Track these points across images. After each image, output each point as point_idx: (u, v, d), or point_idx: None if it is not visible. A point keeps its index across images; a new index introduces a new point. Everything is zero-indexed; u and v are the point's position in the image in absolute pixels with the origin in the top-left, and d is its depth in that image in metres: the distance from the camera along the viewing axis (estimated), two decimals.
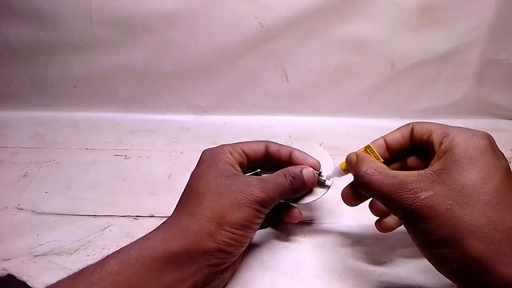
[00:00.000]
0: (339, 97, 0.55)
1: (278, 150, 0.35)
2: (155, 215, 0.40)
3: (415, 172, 0.27)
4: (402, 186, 0.26)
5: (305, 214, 0.40)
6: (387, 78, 0.53)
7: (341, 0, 0.48)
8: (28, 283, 0.34)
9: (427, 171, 0.27)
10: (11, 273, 0.35)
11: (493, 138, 0.28)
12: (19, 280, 0.34)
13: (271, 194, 0.31)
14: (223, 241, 0.29)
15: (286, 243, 0.38)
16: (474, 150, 0.26)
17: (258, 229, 0.38)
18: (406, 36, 0.50)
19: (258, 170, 0.37)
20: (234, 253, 0.30)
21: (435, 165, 0.27)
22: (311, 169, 0.33)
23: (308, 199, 0.35)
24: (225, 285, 0.33)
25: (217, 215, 0.29)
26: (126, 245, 0.28)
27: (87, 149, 0.51)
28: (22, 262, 0.36)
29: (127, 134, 0.54)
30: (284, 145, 0.35)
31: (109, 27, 0.51)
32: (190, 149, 0.50)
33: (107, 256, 0.27)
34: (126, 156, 0.50)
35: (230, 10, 0.49)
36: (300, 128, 0.55)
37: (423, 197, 0.25)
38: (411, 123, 0.31)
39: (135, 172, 0.47)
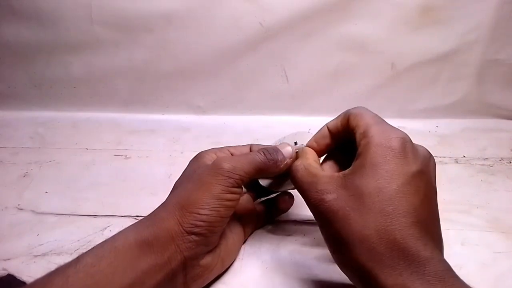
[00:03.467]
0: (339, 97, 0.55)
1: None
2: None
3: (329, 174, 0.29)
4: (314, 186, 0.28)
5: (305, 214, 0.40)
6: (387, 78, 0.53)
7: (341, 0, 0.48)
8: (28, 283, 0.34)
9: (340, 173, 0.28)
10: (11, 273, 0.35)
11: (409, 141, 0.27)
12: (19, 280, 0.34)
13: (237, 164, 0.30)
14: (189, 224, 0.28)
15: (286, 243, 0.37)
16: (380, 157, 0.26)
17: (258, 228, 0.39)
18: (406, 36, 0.50)
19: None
20: (206, 235, 0.29)
21: (349, 168, 0.28)
22: (287, 145, 0.33)
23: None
24: (224, 285, 0.33)
25: (183, 199, 0.29)
26: (102, 241, 0.28)
27: (87, 149, 0.51)
28: (22, 262, 0.36)
29: (127, 134, 0.54)
30: (268, 145, 0.35)
31: (109, 27, 0.51)
32: (190, 149, 0.50)
33: (82, 253, 0.27)
34: (126, 156, 0.50)
35: (230, 10, 0.49)
36: (300, 128, 0.54)
37: (327, 199, 0.27)
38: (348, 111, 0.31)
39: (135, 172, 0.47)
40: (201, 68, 0.54)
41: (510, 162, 0.49)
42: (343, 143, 0.33)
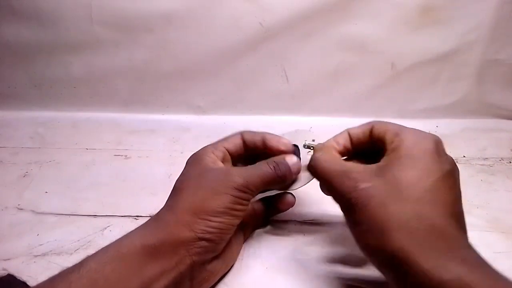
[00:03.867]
0: (339, 97, 0.55)
1: (252, 137, 0.35)
2: None
3: (362, 165, 0.29)
4: (346, 174, 0.28)
5: (305, 214, 0.40)
6: (387, 78, 0.53)
7: (341, 0, 0.48)
8: (28, 283, 0.34)
9: (373, 165, 0.28)
10: (11, 273, 0.35)
11: (441, 143, 0.29)
12: (19, 280, 0.34)
13: (249, 179, 0.31)
14: (200, 230, 0.28)
15: (286, 243, 0.37)
16: (417, 151, 0.27)
17: (258, 228, 0.39)
18: (406, 36, 0.50)
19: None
20: (216, 241, 0.30)
21: (382, 161, 0.29)
22: (294, 157, 0.34)
23: (298, 184, 0.35)
24: (224, 285, 0.33)
25: (194, 205, 0.29)
26: (106, 245, 0.28)
27: (87, 149, 0.51)
28: (22, 262, 0.36)
29: (127, 134, 0.54)
30: (258, 132, 0.36)
31: (109, 27, 0.51)
32: (190, 149, 0.49)
33: (86, 257, 0.27)
34: (126, 156, 0.50)
35: (230, 10, 0.49)
36: (300, 128, 0.55)
37: (361, 187, 0.27)
38: (372, 121, 0.32)
39: (135, 172, 0.47)
40: (201, 68, 0.54)
41: (510, 162, 0.49)
42: (361, 153, 0.33)
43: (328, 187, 0.30)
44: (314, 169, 0.32)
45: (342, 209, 0.29)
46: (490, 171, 0.47)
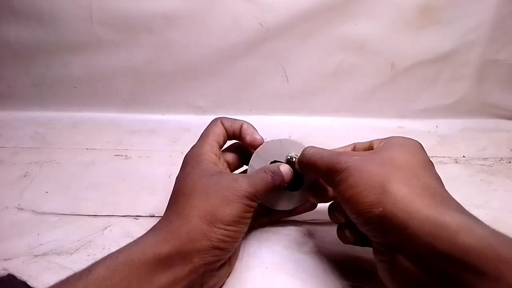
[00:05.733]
0: (339, 97, 0.55)
1: (231, 125, 0.36)
2: (155, 215, 0.40)
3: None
4: (339, 153, 0.31)
5: (305, 213, 0.40)
6: (387, 78, 0.54)
7: (341, 0, 0.48)
8: (28, 283, 0.34)
9: (365, 151, 0.32)
10: (12, 273, 0.34)
11: (424, 148, 0.32)
12: (20, 280, 0.34)
13: (257, 187, 0.31)
14: (217, 239, 0.29)
15: (286, 243, 0.38)
16: (404, 144, 0.31)
17: (257, 228, 0.39)
18: (406, 36, 0.50)
19: None
20: (229, 249, 0.30)
21: (373, 150, 0.31)
22: (286, 165, 0.34)
23: (289, 205, 0.36)
24: (224, 285, 0.33)
25: (207, 213, 0.29)
26: (114, 251, 0.27)
27: (87, 149, 0.51)
28: (23, 262, 0.36)
29: (128, 134, 0.54)
30: (236, 119, 0.36)
31: (109, 27, 0.51)
32: None
33: (94, 262, 0.26)
34: (126, 156, 0.50)
35: (230, 10, 0.49)
36: (300, 128, 0.55)
37: (356, 157, 0.29)
38: (353, 143, 0.35)
39: (135, 172, 0.47)
40: (201, 68, 0.54)
41: (510, 162, 0.49)
42: None
43: (323, 170, 0.30)
44: (307, 157, 0.32)
45: (335, 180, 0.29)
46: (490, 171, 0.47)
